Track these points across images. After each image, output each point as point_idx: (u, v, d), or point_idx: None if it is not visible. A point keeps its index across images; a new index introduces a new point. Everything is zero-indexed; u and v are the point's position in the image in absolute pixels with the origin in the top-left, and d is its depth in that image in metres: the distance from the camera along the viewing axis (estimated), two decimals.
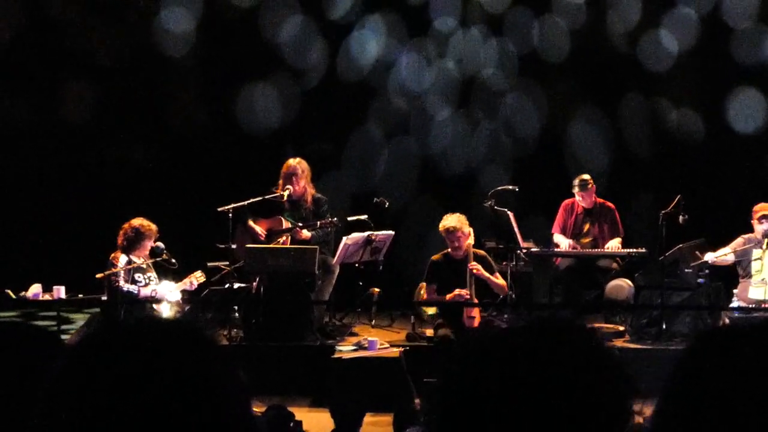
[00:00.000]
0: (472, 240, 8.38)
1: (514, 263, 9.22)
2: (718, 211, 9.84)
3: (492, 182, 9.81)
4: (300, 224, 8.85)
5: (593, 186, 9.49)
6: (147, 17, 10.74)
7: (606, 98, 10.84)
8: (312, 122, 10.83)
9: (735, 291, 8.81)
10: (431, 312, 9.00)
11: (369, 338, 7.95)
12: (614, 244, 9.36)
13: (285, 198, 8.91)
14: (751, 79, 10.66)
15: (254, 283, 8.73)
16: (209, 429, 1.11)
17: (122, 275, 8.07)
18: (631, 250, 9.28)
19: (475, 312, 8.16)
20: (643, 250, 9.20)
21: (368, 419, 7.24)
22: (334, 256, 8.92)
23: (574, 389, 1.14)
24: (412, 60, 11.07)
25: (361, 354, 7.68)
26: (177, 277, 8.40)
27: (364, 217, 9.19)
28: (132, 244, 8.14)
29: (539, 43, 10.86)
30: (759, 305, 8.57)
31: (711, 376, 1.18)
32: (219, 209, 8.54)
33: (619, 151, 10.74)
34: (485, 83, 11.04)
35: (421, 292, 8.88)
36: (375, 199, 9.61)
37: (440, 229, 8.28)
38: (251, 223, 8.96)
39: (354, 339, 8.41)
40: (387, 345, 7.99)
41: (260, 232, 8.94)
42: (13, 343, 1.63)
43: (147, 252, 8.25)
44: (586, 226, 9.55)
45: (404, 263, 9.91)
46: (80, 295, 8.82)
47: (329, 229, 8.94)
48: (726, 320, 8.42)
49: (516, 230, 9.18)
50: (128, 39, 10.74)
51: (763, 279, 8.63)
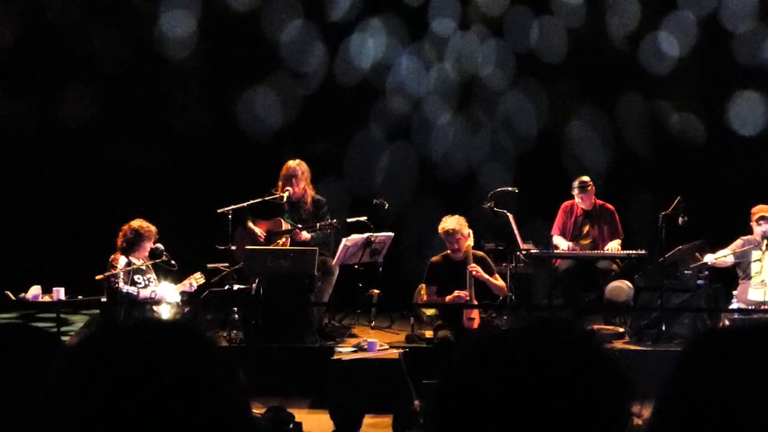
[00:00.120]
0: (472, 241, 8.38)
1: (514, 265, 9.21)
2: (718, 213, 9.84)
3: (492, 184, 9.80)
4: (299, 226, 8.85)
5: (593, 188, 9.49)
6: (148, 20, 10.73)
7: (606, 99, 10.84)
8: (312, 124, 10.82)
9: (734, 292, 8.80)
10: (431, 313, 9.00)
11: (368, 340, 7.94)
12: (614, 246, 9.35)
13: (285, 199, 8.91)
14: (751, 82, 10.65)
15: (254, 285, 8.71)
16: (209, 430, 1.11)
17: (122, 277, 8.06)
18: (631, 252, 9.27)
19: (475, 313, 8.15)
20: (643, 252, 9.19)
21: (368, 421, 7.25)
22: (334, 258, 8.92)
23: (573, 391, 1.14)
24: (412, 62, 11.07)
25: (361, 355, 7.67)
26: (176, 279, 8.39)
27: (364, 219, 9.19)
28: (131, 246, 8.14)
29: (538, 44, 10.86)
30: (758, 307, 8.58)
31: (708, 378, 1.18)
32: (219, 211, 8.53)
33: (619, 153, 10.74)
34: (485, 84, 11.03)
35: (421, 293, 8.89)
36: (375, 201, 9.62)
37: (439, 232, 8.28)
38: (251, 225, 8.95)
39: (353, 340, 8.41)
40: (386, 346, 7.98)
41: (260, 234, 8.93)
42: (14, 345, 1.62)
43: (146, 253, 8.24)
44: (586, 228, 9.55)
45: (404, 265, 9.91)
46: (80, 297, 8.83)
47: (329, 231, 8.93)
48: (726, 322, 8.42)
49: (515, 232, 9.18)
50: (129, 41, 10.74)
51: (763, 281, 8.63)
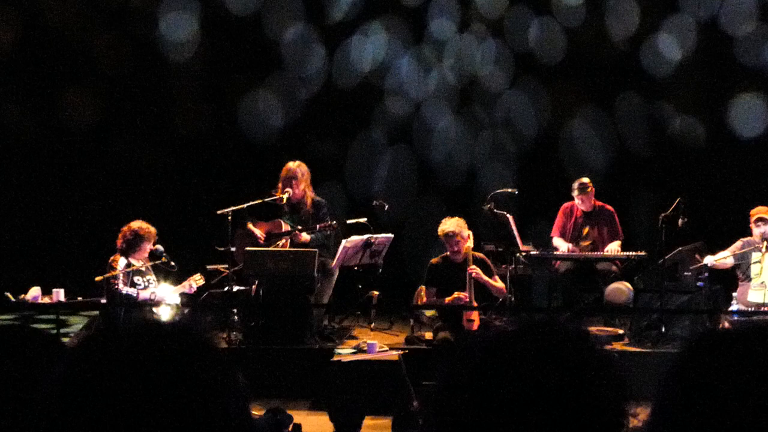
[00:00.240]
0: (471, 243, 8.38)
1: (514, 266, 9.20)
2: (718, 215, 9.84)
3: (491, 185, 9.80)
4: (299, 227, 8.85)
5: (592, 189, 9.49)
6: (149, 22, 10.74)
7: (606, 101, 10.84)
8: (312, 126, 10.82)
9: (734, 294, 8.79)
10: (430, 315, 9.00)
11: (368, 341, 7.94)
12: (614, 247, 9.35)
13: (284, 201, 8.91)
14: (751, 84, 10.65)
15: (253, 286, 8.71)
16: None
17: (121, 278, 8.06)
18: (631, 253, 9.27)
19: (474, 315, 8.16)
20: (643, 253, 9.19)
21: (367, 422, 7.23)
22: (334, 259, 8.91)
23: (567, 391, 1.13)
24: (413, 64, 11.07)
25: (361, 357, 7.67)
26: (176, 280, 8.39)
27: (364, 220, 9.19)
28: (131, 247, 8.13)
29: (538, 45, 10.86)
30: (758, 308, 8.58)
31: (706, 379, 1.18)
32: (218, 212, 8.53)
33: (619, 154, 10.74)
34: (485, 86, 11.04)
35: (421, 295, 8.89)
36: (374, 202, 9.62)
37: (439, 234, 8.29)
38: (251, 226, 8.95)
39: (353, 342, 8.41)
40: (386, 348, 7.98)
41: (259, 235, 8.93)
42: (15, 347, 1.62)
43: (146, 255, 8.23)
44: (586, 230, 9.54)
45: (403, 266, 9.91)
46: (79, 298, 8.83)
47: (328, 233, 8.93)
48: (725, 323, 8.41)
49: (515, 233, 9.18)
50: (130, 43, 10.75)
51: (763, 282, 8.63)
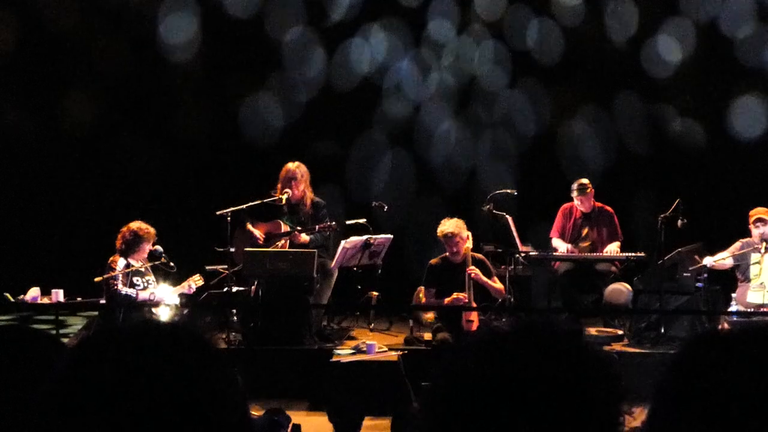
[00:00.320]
0: (471, 244, 8.38)
1: (513, 267, 9.20)
2: (717, 216, 9.84)
3: (491, 186, 9.80)
4: (298, 228, 8.85)
5: (592, 190, 9.49)
6: (149, 24, 10.74)
7: (605, 102, 10.84)
8: (311, 127, 10.82)
9: (733, 295, 8.79)
10: (431, 319, 8.99)
11: (367, 342, 7.93)
12: (613, 248, 9.35)
13: (284, 202, 8.91)
14: (751, 85, 10.66)
15: (253, 287, 8.72)
16: None
17: (120, 278, 8.05)
18: (630, 254, 9.27)
19: (474, 316, 8.16)
20: (642, 254, 9.19)
21: (366, 423, 7.25)
22: (333, 260, 8.91)
23: (561, 391, 1.13)
24: (412, 65, 11.07)
25: (360, 357, 7.66)
26: (175, 281, 8.38)
27: (363, 221, 9.19)
28: (130, 248, 8.13)
29: (538, 47, 10.86)
30: (757, 309, 8.58)
31: (704, 379, 1.18)
32: (218, 212, 8.53)
33: (619, 155, 10.74)
34: (484, 87, 11.04)
35: (420, 296, 8.89)
36: (373, 203, 9.62)
37: (438, 235, 8.29)
38: (250, 227, 8.95)
39: (352, 342, 8.40)
40: (385, 348, 7.97)
41: (259, 236, 8.93)
42: (14, 346, 1.62)
43: (145, 255, 8.23)
44: (585, 231, 9.54)
45: (403, 267, 9.91)
46: (79, 299, 8.83)
47: (328, 233, 8.92)
48: (725, 324, 8.41)
49: (515, 234, 9.17)
50: (129, 45, 10.76)
51: (762, 283, 8.63)
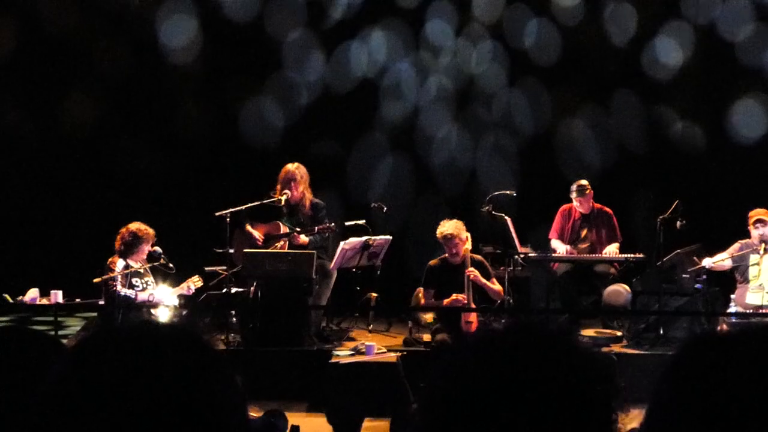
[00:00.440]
0: (470, 245, 8.38)
1: (512, 268, 9.20)
2: (716, 217, 9.84)
3: (490, 187, 9.80)
4: (298, 229, 8.85)
5: (591, 191, 9.49)
6: (148, 26, 10.74)
7: (605, 102, 10.85)
8: (311, 128, 10.82)
9: (732, 296, 8.80)
10: (430, 321, 8.99)
11: (366, 343, 7.93)
12: (612, 250, 9.35)
13: (283, 203, 8.91)
14: (751, 87, 10.66)
15: (252, 288, 8.71)
16: None
17: (119, 280, 8.05)
18: (629, 256, 9.27)
19: (473, 317, 8.16)
20: (641, 256, 9.19)
21: (366, 424, 7.25)
22: (332, 261, 8.91)
23: (553, 391, 1.13)
24: (411, 66, 11.07)
25: (359, 359, 7.66)
26: (174, 282, 8.38)
27: (362, 222, 9.19)
28: (129, 249, 8.12)
29: (536, 47, 10.86)
30: (756, 310, 8.58)
31: (701, 381, 1.17)
32: (217, 214, 8.53)
33: (618, 156, 10.74)
34: (483, 87, 11.04)
35: (419, 297, 8.89)
36: (373, 204, 9.62)
37: (437, 236, 8.29)
38: (249, 228, 8.95)
39: (351, 344, 8.40)
40: (384, 350, 7.97)
41: (258, 237, 8.93)
42: (13, 347, 1.62)
43: (144, 256, 8.23)
44: (584, 232, 9.54)
45: (402, 268, 9.91)
46: (77, 300, 8.83)
47: (327, 234, 8.93)
48: (723, 325, 8.42)
49: (513, 235, 9.17)
50: (129, 47, 10.76)
51: (761, 284, 8.63)
